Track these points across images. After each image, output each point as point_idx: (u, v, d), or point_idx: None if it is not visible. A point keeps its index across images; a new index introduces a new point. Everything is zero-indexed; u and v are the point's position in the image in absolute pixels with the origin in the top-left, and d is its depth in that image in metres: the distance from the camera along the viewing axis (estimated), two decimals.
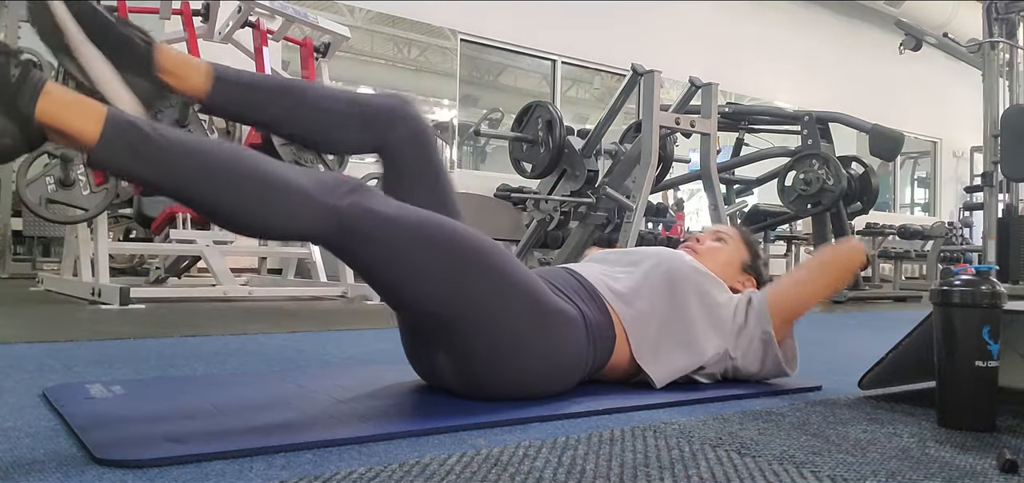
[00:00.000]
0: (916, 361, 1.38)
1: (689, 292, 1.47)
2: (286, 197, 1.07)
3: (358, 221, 1.12)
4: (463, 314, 1.22)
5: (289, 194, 1.07)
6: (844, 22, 11.18)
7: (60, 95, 0.98)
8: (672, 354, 1.45)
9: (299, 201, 1.08)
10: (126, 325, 2.58)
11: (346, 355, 1.94)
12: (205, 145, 1.07)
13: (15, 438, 1.03)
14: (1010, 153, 5.76)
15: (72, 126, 0.97)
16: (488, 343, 1.24)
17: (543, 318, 1.28)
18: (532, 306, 1.27)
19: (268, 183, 1.07)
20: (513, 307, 1.25)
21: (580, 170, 4.79)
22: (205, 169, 1.03)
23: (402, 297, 1.23)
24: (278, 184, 1.07)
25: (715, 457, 1.01)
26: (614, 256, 1.60)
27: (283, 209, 1.07)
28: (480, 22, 7.90)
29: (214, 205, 1.05)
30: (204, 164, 1.03)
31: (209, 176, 1.03)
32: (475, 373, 1.27)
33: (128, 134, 0.99)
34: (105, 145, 0.97)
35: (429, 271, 1.18)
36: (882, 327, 3.41)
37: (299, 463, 0.93)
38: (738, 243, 1.71)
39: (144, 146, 0.99)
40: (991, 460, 1.02)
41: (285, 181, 1.08)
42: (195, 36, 4.08)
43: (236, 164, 1.06)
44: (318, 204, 1.09)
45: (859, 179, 5.84)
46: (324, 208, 1.09)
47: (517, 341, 1.26)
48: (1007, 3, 6.25)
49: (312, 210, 1.09)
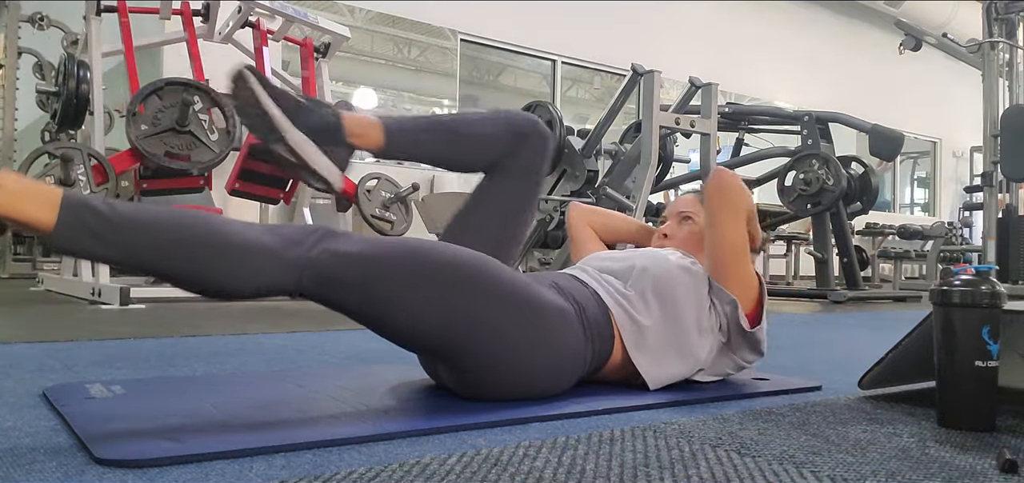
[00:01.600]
0: (916, 361, 1.38)
1: (679, 294, 1.45)
2: (248, 259, 1.08)
3: (331, 268, 1.13)
4: (457, 334, 1.22)
5: (251, 255, 1.08)
6: (844, 22, 11.19)
7: (14, 185, 0.98)
8: (668, 359, 1.43)
9: (263, 261, 1.09)
10: (126, 325, 2.58)
11: (346, 355, 1.94)
12: (163, 218, 1.07)
13: (15, 438, 1.03)
14: (1010, 153, 5.76)
15: (28, 215, 0.98)
16: (485, 356, 1.24)
17: (537, 319, 1.28)
18: (524, 310, 1.27)
19: (227, 248, 1.07)
20: (505, 316, 1.25)
21: (580, 170, 4.79)
22: (162, 242, 1.05)
23: (397, 329, 1.22)
24: (237, 248, 1.08)
25: (715, 457, 1.01)
26: (606, 259, 1.59)
27: (247, 272, 1.08)
28: (480, 22, 7.90)
29: (176, 275, 1.07)
30: (161, 237, 1.05)
31: (166, 249, 1.05)
32: (474, 383, 1.28)
33: (84, 216, 1.00)
34: (62, 230, 0.99)
35: (415, 298, 1.18)
36: (882, 327, 3.41)
37: (299, 463, 0.93)
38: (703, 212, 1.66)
39: (101, 228, 1.01)
40: (991, 460, 1.02)
41: (245, 243, 1.08)
42: (195, 36, 4.09)
43: (192, 232, 1.07)
44: (284, 260, 1.10)
45: (859, 179, 5.84)
46: (293, 262, 1.10)
47: (514, 349, 1.26)
48: (1007, 3, 6.25)
49: (280, 267, 1.10)
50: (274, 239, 1.11)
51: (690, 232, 1.64)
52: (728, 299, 1.46)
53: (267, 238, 1.11)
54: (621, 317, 1.42)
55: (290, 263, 1.10)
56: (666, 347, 1.44)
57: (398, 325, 1.20)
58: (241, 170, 4.06)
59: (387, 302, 1.17)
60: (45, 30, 5.69)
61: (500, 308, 1.24)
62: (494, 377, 1.27)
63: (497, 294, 1.24)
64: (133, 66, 3.79)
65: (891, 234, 9.00)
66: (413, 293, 1.18)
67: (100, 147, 3.64)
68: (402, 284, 1.17)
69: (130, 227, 1.03)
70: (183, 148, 3.61)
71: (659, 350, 1.43)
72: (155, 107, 3.56)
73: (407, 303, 1.18)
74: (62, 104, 3.69)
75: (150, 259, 1.05)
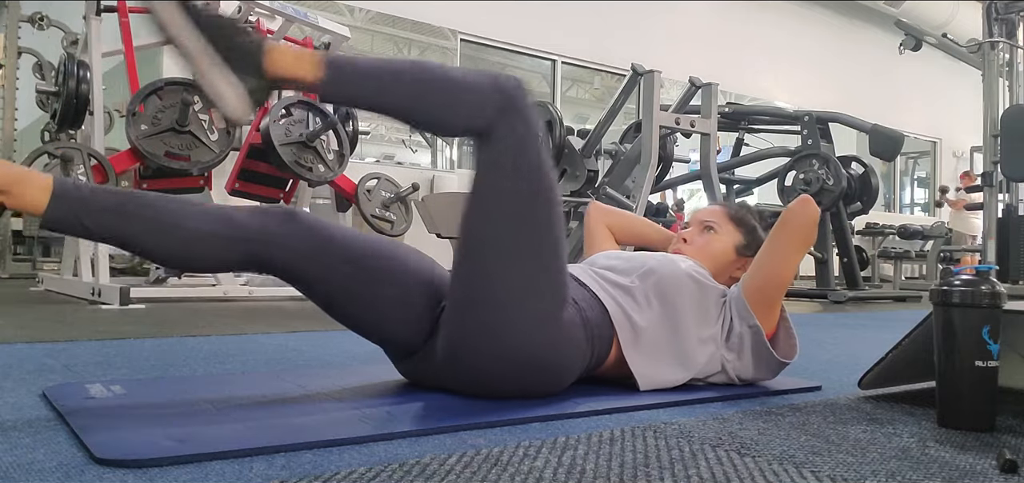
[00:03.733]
0: (916, 361, 1.38)
1: (683, 301, 1.45)
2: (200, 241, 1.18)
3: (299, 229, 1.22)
4: (461, 288, 1.26)
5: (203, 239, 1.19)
6: (844, 22, 11.19)
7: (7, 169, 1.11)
8: (662, 363, 1.43)
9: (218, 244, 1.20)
10: (126, 325, 2.58)
11: (346, 355, 1.94)
12: (132, 199, 1.17)
13: (15, 438, 1.03)
14: (1010, 153, 5.76)
15: (22, 203, 1.11)
16: (490, 309, 1.23)
17: (559, 297, 1.29)
18: (555, 279, 1.28)
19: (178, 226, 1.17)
20: (535, 272, 1.26)
21: (580, 170, 4.80)
22: (128, 220, 1.15)
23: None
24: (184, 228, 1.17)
25: (715, 457, 1.01)
26: (614, 258, 1.59)
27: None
28: (480, 22, 7.90)
29: (127, 242, 1.17)
30: (125, 218, 1.15)
31: (132, 224, 1.15)
32: (472, 348, 1.25)
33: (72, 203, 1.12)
34: (54, 204, 1.11)
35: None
36: (882, 327, 3.41)
37: (299, 463, 0.93)
38: (728, 226, 1.65)
39: (92, 209, 1.13)
40: (991, 460, 1.02)
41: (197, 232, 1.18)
42: None
43: (144, 209, 1.16)
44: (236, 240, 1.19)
45: (859, 179, 5.84)
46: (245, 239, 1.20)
47: (522, 314, 1.24)
48: (1007, 3, 6.26)
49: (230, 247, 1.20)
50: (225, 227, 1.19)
51: (708, 242, 1.63)
52: (751, 322, 1.45)
53: (220, 227, 1.19)
54: (618, 316, 1.41)
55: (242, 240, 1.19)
56: (662, 349, 1.43)
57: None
58: (241, 170, 4.07)
59: None
60: (45, 30, 5.69)
61: (535, 262, 1.25)
62: (492, 344, 1.24)
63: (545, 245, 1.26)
64: (133, 66, 3.79)
65: (891, 234, 9.00)
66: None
67: (100, 147, 3.64)
68: None
69: (112, 205, 1.14)
70: (183, 148, 3.61)
71: (654, 351, 1.43)
72: (155, 107, 3.56)
73: None
74: (62, 104, 3.69)
75: (119, 233, 1.15)
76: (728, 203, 1.81)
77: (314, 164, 3.89)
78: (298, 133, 3.82)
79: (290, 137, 3.78)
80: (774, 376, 1.52)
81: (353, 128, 4.26)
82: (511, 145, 1.21)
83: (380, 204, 4.25)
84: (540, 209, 1.25)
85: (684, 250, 1.64)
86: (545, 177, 1.25)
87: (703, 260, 1.58)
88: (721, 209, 1.69)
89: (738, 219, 1.66)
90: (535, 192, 1.24)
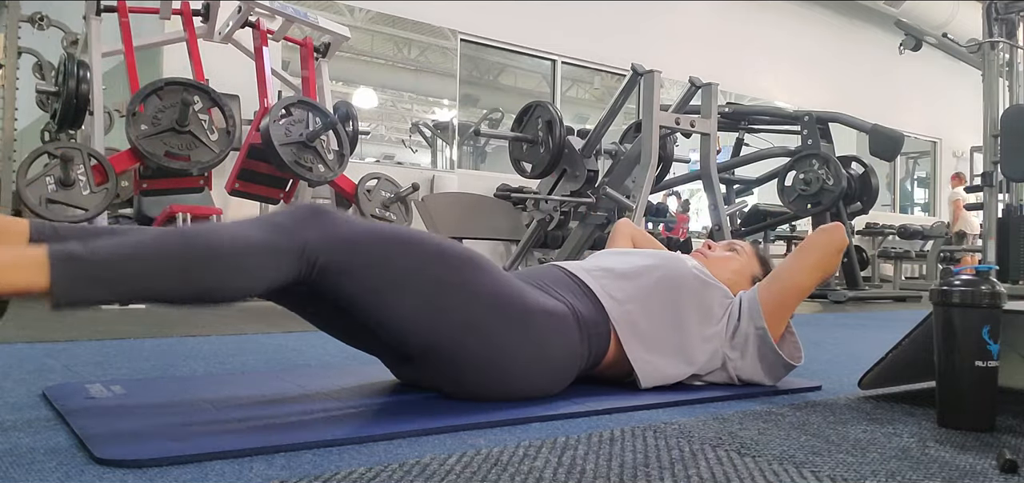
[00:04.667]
0: (916, 361, 1.38)
1: (686, 299, 1.46)
2: (245, 260, 1.04)
3: (329, 256, 1.10)
4: (448, 336, 1.22)
5: (247, 256, 1.04)
6: (844, 22, 11.18)
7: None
8: (663, 359, 1.43)
9: (261, 259, 1.05)
10: (126, 325, 2.58)
11: (346, 355, 1.94)
12: (140, 247, 1.01)
13: (15, 438, 1.03)
14: (1010, 153, 5.76)
15: (22, 283, 0.93)
16: (476, 360, 1.24)
17: (527, 321, 1.28)
18: (514, 311, 1.26)
19: (217, 256, 1.02)
20: (495, 316, 1.24)
21: (580, 170, 4.79)
22: (155, 270, 1.00)
23: (387, 326, 1.20)
24: (227, 252, 1.03)
25: (715, 457, 1.01)
26: (616, 256, 1.59)
27: (246, 278, 1.05)
28: (480, 22, 7.90)
29: (176, 297, 1.03)
30: (143, 267, 0.99)
31: (152, 275, 1.00)
32: (467, 389, 1.28)
33: (73, 266, 0.94)
34: (60, 283, 0.93)
35: (408, 284, 1.17)
36: (882, 327, 3.41)
37: (299, 463, 0.93)
38: (751, 257, 1.70)
39: (93, 269, 0.95)
40: (991, 460, 1.02)
41: (234, 245, 1.04)
42: (195, 36, 4.09)
43: (168, 250, 1.01)
44: (284, 250, 1.06)
45: (859, 179, 5.84)
46: (290, 252, 1.07)
47: (505, 353, 1.25)
48: (1007, 3, 6.25)
49: (277, 261, 1.06)
50: (264, 232, 1.08)
51: (729, 260, 1.67)
52: (759, 324, 1.47)
53: (256, 234, 1.07)
54: (614, 310, 1.41)
55: (288, 253, 1.07)
56: (663, 343, 1.44)
57: (394, 318, 1.19)
58: (241, 170, 4.07)
59: (387, 285, 1.16)
60: (45, 30, 5.68)
61: (495, 307, 1.25)
62: (487, 382, 1.27)
63: (485, 294, 1.24)
64: (133, 66, 3.79)
65: (891, 234, 9.00)
66: (412, 279, 1.17)
67: (100, 147, 3.64)
68: (401, 267, 1.17)
69: (119, 261, 0.98)
70: (183, 148, 3.61)
71: (654, 344, 1.43)
72: (155, 107, 3.57)
73: (406, 289, 1.17)
74: (62, 104, 3.69)
75: (137, 287, 0.99)
76: (755, 244, 1.85)
77: (314, 164, 3.89)
78: (298, 133, 3.82)
79: (290, 137, 3.79)
80: (777, 381, 1.52)
81: (353, 128, 4.26)
82: (347, 261, 1.12)
83: (380, 204, 4.26)
84: (429, 267, 1.20)
85: (705, 255, 1.69)
86: (397, 235, 1.20)
87: (719, 272, 1.60)
88: (750, 245, 1.75)
89: (762, 259, 1.73)
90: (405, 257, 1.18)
